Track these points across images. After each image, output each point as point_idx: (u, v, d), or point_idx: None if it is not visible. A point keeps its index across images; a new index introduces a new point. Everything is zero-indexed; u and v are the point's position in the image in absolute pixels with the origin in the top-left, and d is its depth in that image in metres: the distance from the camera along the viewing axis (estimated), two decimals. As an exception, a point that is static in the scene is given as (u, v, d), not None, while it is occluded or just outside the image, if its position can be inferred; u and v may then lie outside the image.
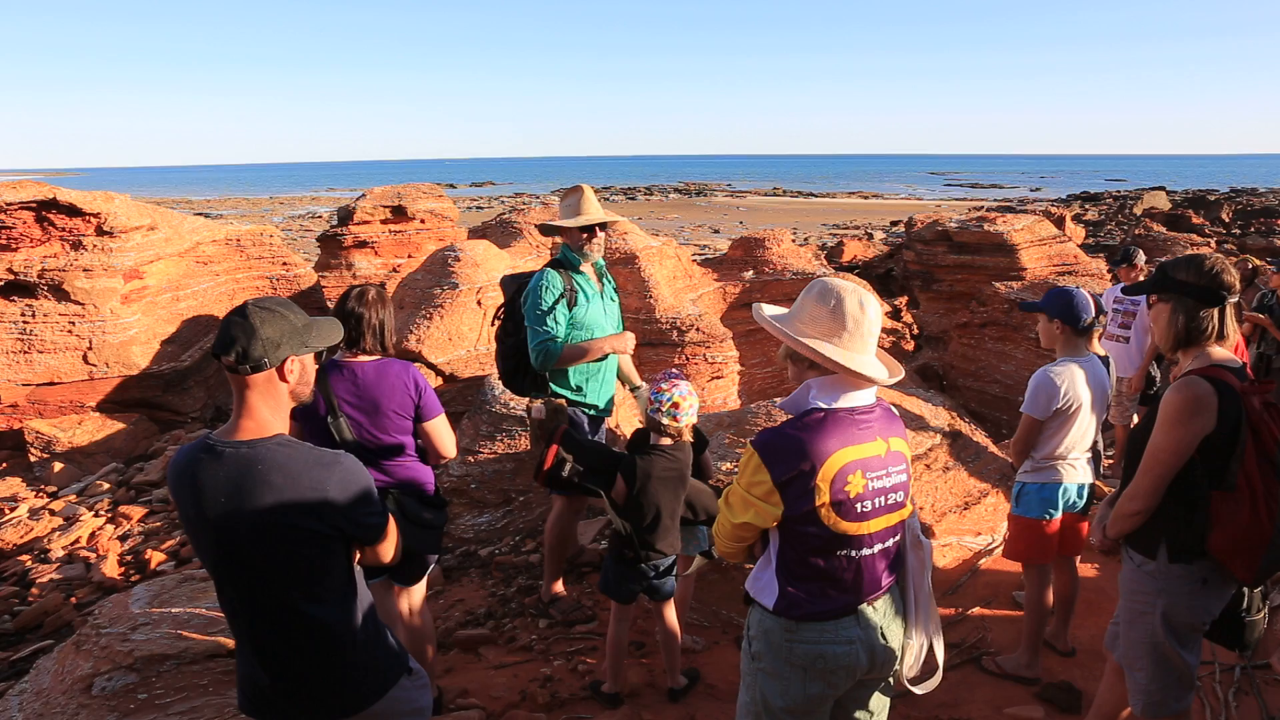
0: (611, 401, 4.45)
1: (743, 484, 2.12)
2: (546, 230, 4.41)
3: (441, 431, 3.26)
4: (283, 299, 2.11)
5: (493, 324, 4.46)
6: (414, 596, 3.45)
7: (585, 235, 4.18)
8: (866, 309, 2.15)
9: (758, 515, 2.10)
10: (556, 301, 4.07)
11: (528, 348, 4.11)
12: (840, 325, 2.12)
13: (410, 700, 2.23)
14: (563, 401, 4.12)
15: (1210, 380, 2.47)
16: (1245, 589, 2.60)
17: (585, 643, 4.21)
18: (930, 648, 2.30)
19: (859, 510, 2.08)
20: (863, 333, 2.13)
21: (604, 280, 4.37)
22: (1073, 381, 3.53)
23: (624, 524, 3.41)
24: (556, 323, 4.07)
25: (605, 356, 4.25)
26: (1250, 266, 6.13)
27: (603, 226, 4.24)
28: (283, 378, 2.05)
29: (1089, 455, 3.71)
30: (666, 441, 3.36)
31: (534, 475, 3.80)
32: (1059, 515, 3.69)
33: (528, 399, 4.24)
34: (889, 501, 2.14)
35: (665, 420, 3.30)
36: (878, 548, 2.15)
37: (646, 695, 3.76)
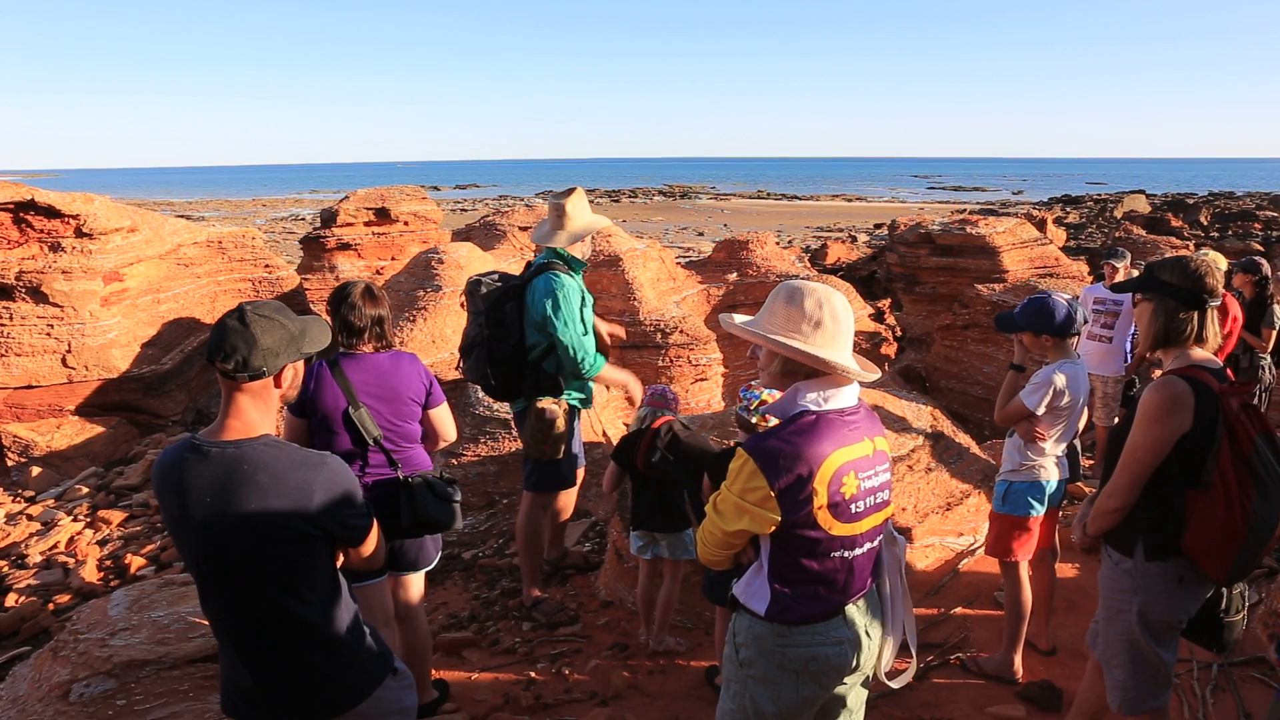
0: (591, 394, 4.56)
1: (735, 490, 2.08)
2: (571, 236, 4.29)
3: (446, 418, 3.41)
4: (275, 302, 2.12)
5: (479, 332, 4.34)
6: (412, 591, 3.44)
7: (587, 238, 4.34)
8: (837, 307, 2.14)
9: (753, 522, 2.07)
10: (582, 306, 4.19)
11: (558, 352, 4.15)
12: (813, 324, 2.11)
13: (396, 701, 2.22)
14: (564, 405, 4.22)
15: (1188, 380, 2.51)
16: (1224, 590, 2.63)
17: (569, 645, 4.21)
18: (905, 643, 2.31)
19: (853, 511, 2.09)
20: (837, 330, 2.12)
21: None
22: (1074, 384, 3.60)
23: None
24: (586, 328, 4.19)
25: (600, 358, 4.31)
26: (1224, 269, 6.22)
27: None
28: (278, 384, 2.07)
29: (1066, 451, 3.77)
30: None
31: (617, 458, 3.95)
32: (1044, 511, 3.74)
33: (546, 400, 4.22)
34: (877, 501, 2.15)
35: (754, 419, 3.31)
36: (867, 547, 2.16)
37: (631, 697, 3.76)
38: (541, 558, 4.71)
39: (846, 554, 2.11)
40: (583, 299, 4.23)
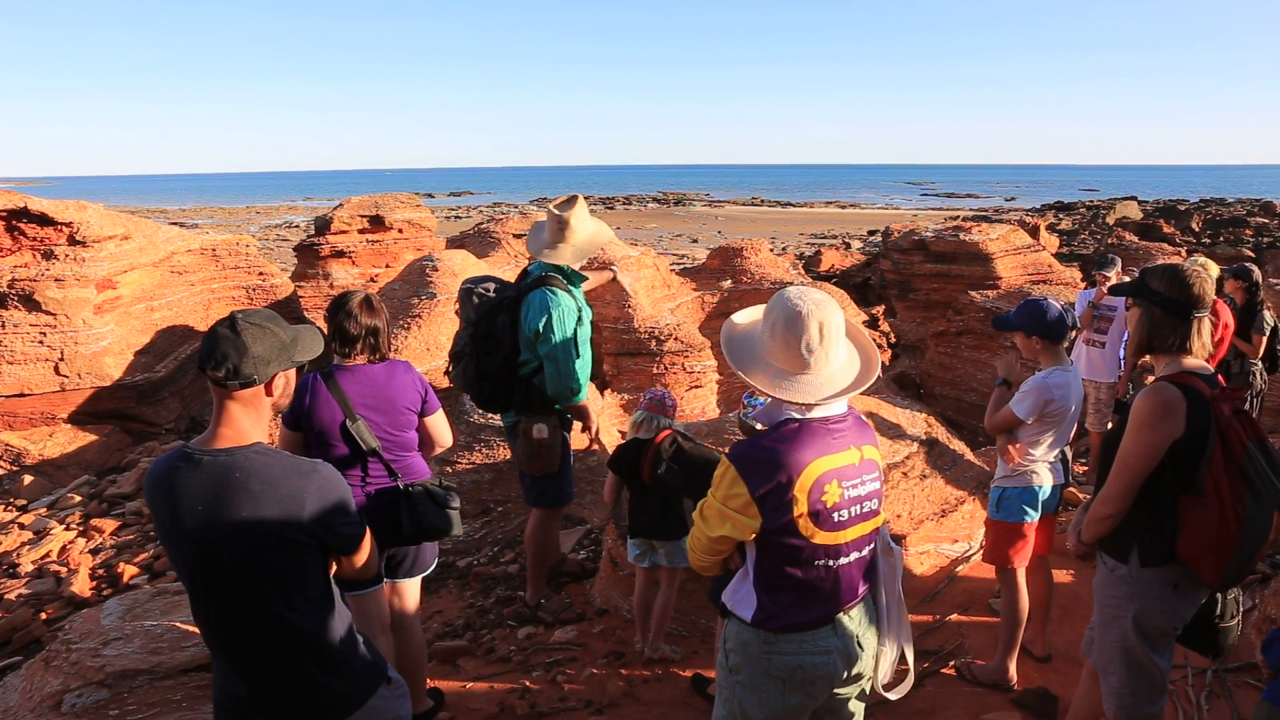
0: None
1: (719, 497, 2.12)
2: (577, 253, 4.19)
3: (442, 424, 3.38)
4: (268, 311, 2.12)
5: (468, 342, 4.25)
6: (407, 599, 3.41)
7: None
8: (814, 322, 2.08)
9: (735, 528, 2.10)
10: (577, 326, 4.08)
11: (545, 373, 4.07)
12: (794, 348, 2.09)
13: (389, 710, 2.21)
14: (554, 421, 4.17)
15: (1180, 386, 2.52)
16: (1219, 595, 2.64)
17: (564, 653, 4.20)
18: (902, 654, 2.31)
19: (836, 520, 2.09)
20: (822, 348, 2.10)
21: None
22: (1064, 391, 3.60)
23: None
24: (579, 349, 4.09)
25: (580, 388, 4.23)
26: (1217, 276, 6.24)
27: None
28: (269, 392, 2.06)
29: (1059, 456, 3.77)
30: None
31: (610, 466, 3.90)
32: (1039, 517, 3.74)
33: (534, 421, 4.17)
34: (864, 510, 2.15)
35: (759, 426, 3.32)
36: (854, 556, 2.16)
37: (626, 705, 3.75)
38: (548, 567, 4.69)
39: (831, 563, 2.12)
40: (579, 317, 4.12)
